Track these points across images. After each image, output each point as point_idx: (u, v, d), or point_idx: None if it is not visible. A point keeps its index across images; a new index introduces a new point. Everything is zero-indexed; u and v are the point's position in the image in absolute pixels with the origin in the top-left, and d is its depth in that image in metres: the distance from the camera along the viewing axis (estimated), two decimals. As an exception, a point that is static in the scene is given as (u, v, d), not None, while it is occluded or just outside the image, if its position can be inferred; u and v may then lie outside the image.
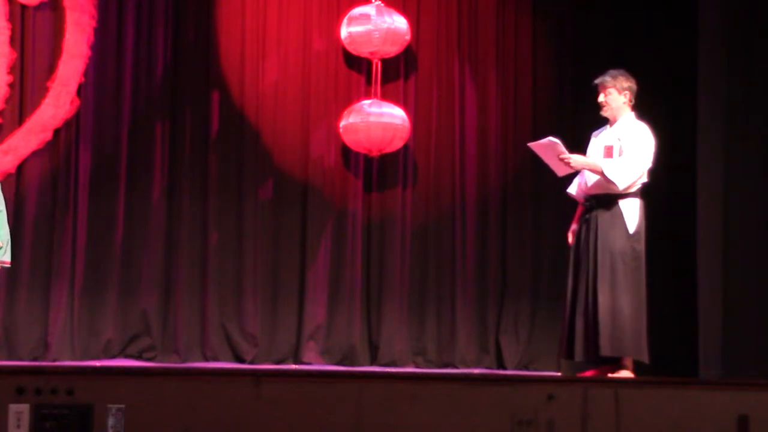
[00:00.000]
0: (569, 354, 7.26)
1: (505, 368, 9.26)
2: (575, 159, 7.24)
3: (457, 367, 9.22)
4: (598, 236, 7.12)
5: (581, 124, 8.76)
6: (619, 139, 7.22)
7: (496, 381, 6.46)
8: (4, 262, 7.81)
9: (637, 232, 7.15)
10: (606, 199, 7.17)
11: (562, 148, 7.25)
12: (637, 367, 7.20)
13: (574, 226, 7.43)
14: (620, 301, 7.05)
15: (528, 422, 5.86)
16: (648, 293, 7.23)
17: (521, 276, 9.55)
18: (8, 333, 8.79)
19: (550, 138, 7.29)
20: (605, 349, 7.01)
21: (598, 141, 7.39)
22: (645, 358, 7.16)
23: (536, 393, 5.92)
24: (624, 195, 7.15)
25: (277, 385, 5.83)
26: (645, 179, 7.23)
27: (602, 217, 7.16)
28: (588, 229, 7.21)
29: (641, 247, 7.18)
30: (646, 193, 7.31)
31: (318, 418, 5.72)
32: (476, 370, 9.05)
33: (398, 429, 5.80)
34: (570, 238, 7.45)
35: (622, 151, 7.17)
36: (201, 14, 9.40)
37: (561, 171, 7.37)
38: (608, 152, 7.23)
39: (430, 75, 9.67)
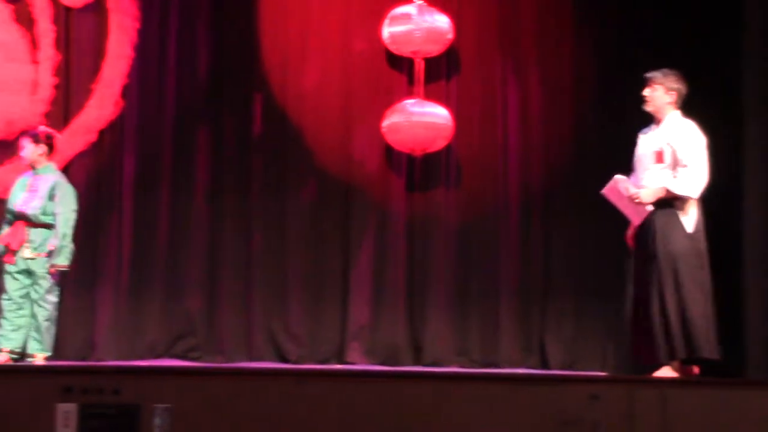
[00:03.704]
0: (640, 358, 7.24)
1: (549, 368, 9.20)
2: (644, 194, 7.20)
3: (500, 367, 9.17)
4: (657, 239, 7.09)
5: (624, 121, 8.72)
6: (669, 144, 7.17)
7: (540, 381, 6.44)
8: (59, 266, 7.89)
9: (696, 231, 7.12)
10: (663, 201, 7.14)
11: (627, 183, 7.24)
12: (707, 367, 7.17)
13: (631, 231, 7.38)
14: (687, 301, 7.02)
15: (572, 423, 5.83)
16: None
17: (565, 275, 9.48)
18: (55, 333, 8.86)
19: (616, 177, 7.28)
20: (679, 352, 6.98)
21: (646, 144, 7.33)
22: (717, 356, 7.12)
23: (581, 393, 5.89)
24: (681, 196, 7.12)
25: (321, 385, 5.84)
26: (707, 177, 7.21)
27: (660, 219, 7.12)
28: (647, 233, 7.18)
29: (702, 245, 7.14)
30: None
31: (362, 418, 5.72)
32: (520, 370, 9.01)
33: (442, 429, 5.79)
34: (630, 243, 7.40)
35: (675, 157, 7.13)
36: (243, 15, 9.43)
37: (636, 217, 7.30)
38: (659, 158, 7.20)
39: (472, 74, 9.63)
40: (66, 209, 7.96)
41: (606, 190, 7.39)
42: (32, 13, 9.10)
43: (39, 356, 7.87)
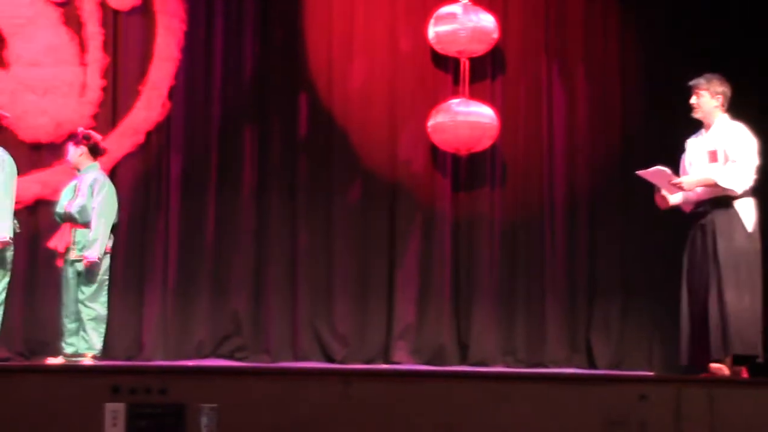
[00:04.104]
0: (694, 359, 7.19)
1: (595, 368, 9.17)
2: (687, 181, 7.18)
3: (547, 367, 9.15)
4: (717, 239, 7.05)
5: (672, 121, 8.67)
6: (721, 143, 7.13)
7: (586, 380, 6.40)
8: (88, 258, 7.92)
9: (755, 231, 7.10)
10: (721, 201, 7.10)
11: (671, 174, 7.20)
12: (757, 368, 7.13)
13: (662, 193, 7.34)
14: (745, 300, 7.00)
15: (620, 423, 5.79)
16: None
17: (611, 274, 9.45)
18: (104, 332, 8.94)
19: (659, 167, 7.23)
20: (736, 348, 6.95)
21: (698, 146, 7.29)
22: (762, 356, 7.10)
23: (628, 393, 5.85)
24: (738, 195, 7.07)
25: (367, 384, 5.83)
26: (755, 176, 7.15)
27: (719, 219, 7.09)
28: (704, 234, 7.14)
29: (759, 245, 7.13)
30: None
31: (407, 417, 5.72)
32: (567, 370, 8.98)
33: (488, 429, 5.77)
34: (659, 204, 7.36)
35: (727, 155, 7.09)
36: (289, 16, 9.46)
37: (672, 192, 7.29)
38: (713, 157, 7.16)
39: (517, 73, 9.61)
40: (102, 204, 7.98)
41: (643, 173, 7.33)
42: (81, 16, 9.17)
43: (87, 355, 7.93)
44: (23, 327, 8.79)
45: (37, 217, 8.73)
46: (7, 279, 7.71)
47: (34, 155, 9.01)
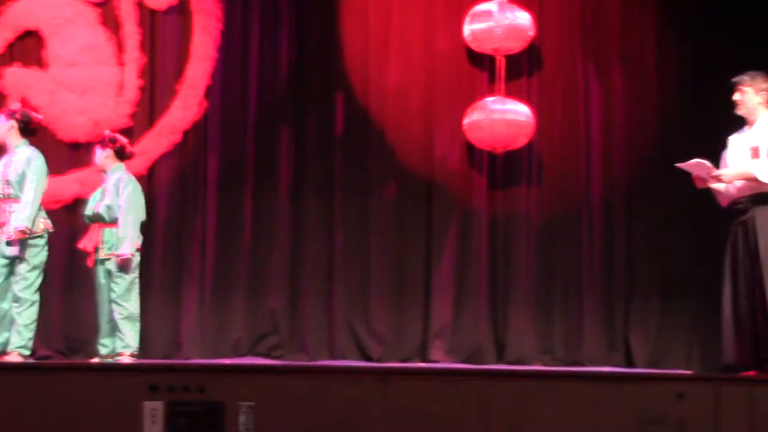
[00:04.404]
0: (738, 357, 7.16)
1: (633, 366, 9.12)
2: (726, 174, 7.17)
3: (584, 365, 9.11)
4: (759, 236, 7.02)
5: (710, 119, 8.62)
6: (764, 140, 7.10)
7: (624, 379, 6.38)
8: (121, 255, 7.97)
9: None
10: (761, 198, 7.07)
11: (710, 166, 7.18)
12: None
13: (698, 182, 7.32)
14: None
15: (658, 421, 5.76)
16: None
17: (649, 273, 9.39)
18: (141, 332, 8.96)
19: (698, 159, 7.21)
20: None
21: (740, 143, 7.26)
22: None
23: (666, 391, 5.82)
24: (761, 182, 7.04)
25: (404, 383, 5.83)
26: None
27: (761, 217, 7.06)
28: (746, 231, 7.11)
29: None
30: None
31: (445, 416, 5.72)
32: (604, 369, 8.94)
33: (525, 428, 5.76)
34: (697, 182, 7.34)
35: None
36: (325, 15, 9.47)
37: (710, 183, 7.27)
38: (755, 153, 7.15)
39: (554, 71, 9.58)
40: (128, 201, 8.01)
41: (683, 165, 7.30)
42: (118, 16, 9.22)
43: (125, 353, 7.97)
44: (63, 325, 8.86)
45: (75, 216, 8.78)
46: (40, 279, 7.78)
47: (73, 154, 9.07)
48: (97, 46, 9.19)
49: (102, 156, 8.19)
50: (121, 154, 8.22)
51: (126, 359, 7.94)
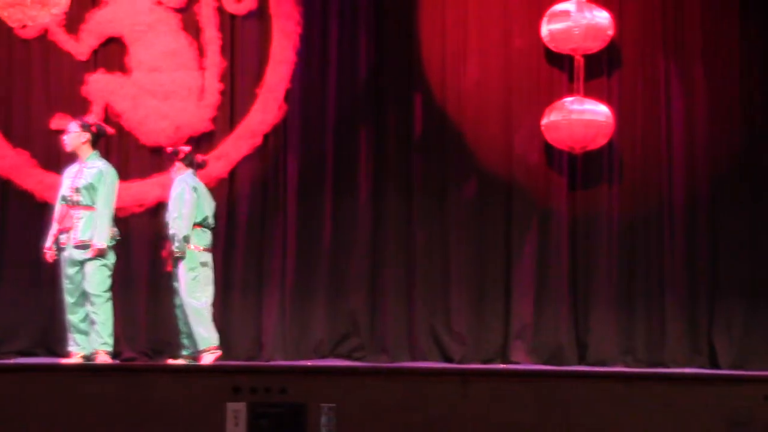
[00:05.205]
0: None
1: (718, 368, 9.00)
2: None
3: (667, 367, 9.00)
4: None
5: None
6: None
7: (709, 381, 6.31)
8: (175, 253, 8.10)
9: None
10: None
11: None
12: None
13: None
14: None
15: (743, 424, 5.69)
16: None
17: (734, 272, 9.25)
18: (224, 333, 9.06)
19: None
20: None
21: None
22: None
23: (752, 393, 5.75)
24: None
25: (485, 384, 5.83)
26: None
27: None
28: None
29: None
30: None
31: (526, 417, 5.70)
32: (688, 370, 8.83)
33: (607, 429, 5.72)
34: None
35: None
36: (402, 17, 9.49)
37: None
38: None
39: (634, 70, 9.48)
40: (179, 208, 8.14)
41: None
42: (199, 22, 9.32)
43: (209, 349, 8.07)
44: (147, 327, 8.97)
45: (158, 220, 8.88)
46: (110, 280, 7.98)
47: (155, 159, 9.18)
48: (179, 52, 9.29)
49: (174, 168, 8.36)
50: (191, 163, 8.35)
51: (210, 355, 8.02)
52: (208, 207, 8.28)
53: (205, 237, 8.23)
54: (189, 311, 8.08)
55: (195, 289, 8.11)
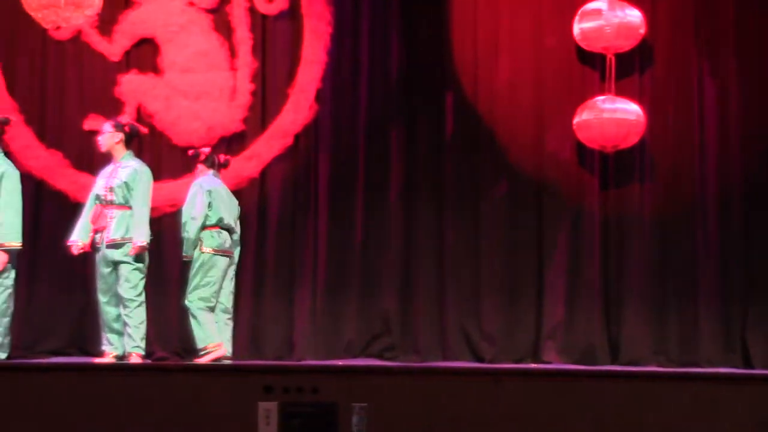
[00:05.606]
0: None
1: (752, 368, 8.93)
2: None
3: (700, 367, 8.95)
4: None
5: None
6: None
7: (742, 380, 6.26)
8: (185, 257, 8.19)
9: None
10: None
11: None
12: None
13: None
14: None
15: (778, 424, 5.65)
16: None
17: (768, 272, 9.20)
18: (255, 333, 9.11)
19: None
20: None
21: None
22: None
23: (788, 394, 5.71)
24: None
25: (517, 384, 5.82)
26: None
27: None
28: None
29: None
30: None
31: (558, 417, 5.68)
32: (722, 370, 8.78)
33: (640, 430, 5.70)
34: None
35: None
36: (434, 16, 9.48)
37: None
38: None
39: (666, 68, 9.43)
40: (189, 211, 8.20)
41: None
42: (231, 22, 9.36)
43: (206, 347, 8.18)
44: (179, 327, 9.00)
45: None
46: (143, 281, 8.06)
47: (188, 159, 9.21)
48: (211, 52, 9.34)
49: (197, 171, 8.40)
50: (212, 163, 8.39)
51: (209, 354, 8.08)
52: (225, 209, 8.24)
53: (219, 239, 8.22)
54: (191, 311, 8.14)
55: (198, 289, 8.14)
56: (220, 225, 8.18)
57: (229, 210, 8.29)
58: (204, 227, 8.11)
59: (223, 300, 8.26)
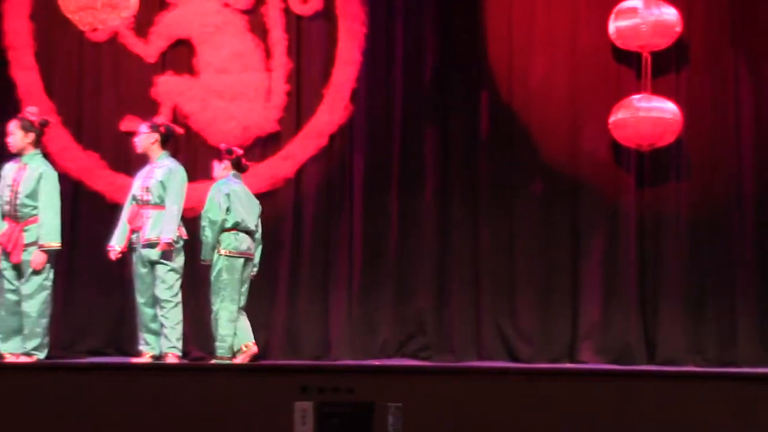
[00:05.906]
0: None
1: (791, 367, 8.88)
2: None
3: (738, 366, 8.89)
4: None
5: None
6: None
7: (780, 380, 6.21)
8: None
9: None
10: None
11: None
12: None
13: None
14: None
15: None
16: None
17: (807, 270, 9.13)
18: (291, 333, 9.13)
19: None
20: None
21: None
22: None
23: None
24: None
25: (553, 384, 5.80)
26: None
27: None
28: None
29: None
30: None
31: (594, 417, 5.66)
32: (760, 370, 8.71)
33: (677, 429, 5.67)
34: None
35: None
36: (469, 14, 9.47)
37: None
38: None
39: (702, 66, 9.37)
40: (206, 214, 8.27)
41: None
42: (266, 23, 9.39)
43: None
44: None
45: (225, 220, 8.96)
46: (179, 281, 8.17)
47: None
48: (246, 53, 9.37)
49: (219, 168, 8.41)
50: (238, 167, 8.42)
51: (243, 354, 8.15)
52: (244, 211, 8.28)
53: (237, 241, 8.25)
54: (217, 314, 8.20)
55: (223, 291, 8.18)
56: (238, 227, 8.22)
57: (249, 212, 8.32)
58: (223, 230, 8.17)
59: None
